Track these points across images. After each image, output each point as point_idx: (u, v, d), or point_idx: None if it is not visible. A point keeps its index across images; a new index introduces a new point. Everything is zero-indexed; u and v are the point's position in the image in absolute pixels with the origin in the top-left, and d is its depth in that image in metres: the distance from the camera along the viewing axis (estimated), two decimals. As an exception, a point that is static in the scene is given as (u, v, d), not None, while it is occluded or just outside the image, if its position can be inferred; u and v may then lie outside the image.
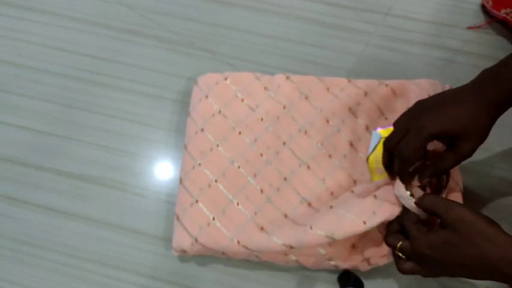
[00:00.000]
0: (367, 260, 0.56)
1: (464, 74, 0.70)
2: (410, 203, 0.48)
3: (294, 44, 0.72)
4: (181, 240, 0.56)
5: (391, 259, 0.55)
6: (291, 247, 0.53)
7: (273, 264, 0.57)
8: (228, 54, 0.72)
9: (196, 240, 0.55)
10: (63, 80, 0.71)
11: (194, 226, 0.56)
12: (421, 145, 0.47)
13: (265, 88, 0.64)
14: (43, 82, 0.71)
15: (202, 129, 0.62)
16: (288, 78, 0.65)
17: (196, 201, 0.58)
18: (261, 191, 0.58)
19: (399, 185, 0.50)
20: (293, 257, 0.55)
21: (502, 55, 0.70)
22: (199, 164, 0.60)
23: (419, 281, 0.58)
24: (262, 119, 0.62)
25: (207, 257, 0.59)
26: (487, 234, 0.40)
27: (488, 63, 0.70)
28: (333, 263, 0.55)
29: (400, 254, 0.47)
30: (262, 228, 0.55)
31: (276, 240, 0.53)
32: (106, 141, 0.66)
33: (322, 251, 0.54)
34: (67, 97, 0.70)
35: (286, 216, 0.57)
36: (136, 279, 0.59)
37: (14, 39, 0.74)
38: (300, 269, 0.58)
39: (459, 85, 0.69)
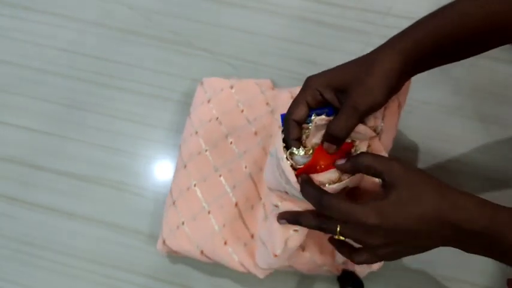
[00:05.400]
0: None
1: (464, 73, 0.70)
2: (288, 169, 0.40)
3: (294, 44, 0.72)
4: (160, 238, 0.57)
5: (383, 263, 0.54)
6: (249, 271, 0.53)
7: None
8: (228, 54, 0.72)
9: (164, 241, 0.56)
10: (63, 80, 0.71)
11: (166, 227, 0.57)
12: (302, 101, 0.42)
13: (267, 104, 0.62)
14: (43, 82, 0.71)
15: (196, 132, 0.61)
16: (292, 97, 0.63)
17: (174, 203, 0.58)
18: (236, 204, 0.57)
19: (280, 148, 0.42)
20: (286, 263, 0.54)
21: (502, 55, 0.70)
22: (185, 166, 0.60)
23: (419, 281, 0.58)
24: (256, 133, 0.60)
25: (206, 257, 0.59)
26: (435, 185, 0.37)
27: (488, 63, 0.71)
28: (327, 268, 0.54)
29: (342, 238, 0.40)
30: (225, 243, 0.54)
31: (236, 259, 0.54)
32: (105, 141, 0.66)
33: (316, 260, 0.54)
34: (67, 97, 0.70)
35: (252, 236, 0.55)
36: (135, 279, 0.59)
37: (14, 39, 0.74)
38: (299, 269, 0.58)
39: (459, 85, 0.70)
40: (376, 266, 0.51)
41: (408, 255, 0.41)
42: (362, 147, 0.43)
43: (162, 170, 0.65)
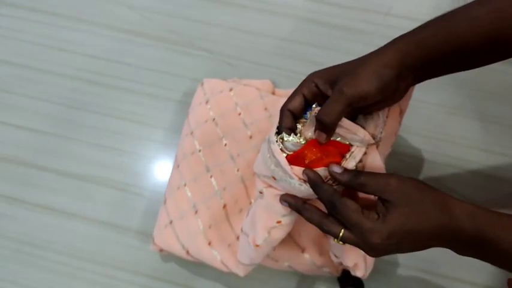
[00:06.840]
0: (356, 265, 0.53)
1: (464, 73, 0.70)
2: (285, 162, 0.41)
3: (294, 44, 0.72)
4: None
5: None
6: (230, 271, 0.53)
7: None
8: (228, 54, 0.72)
9: (153, 240, 0.56)
10: (63, 80, 0.71)
11: (157, 226, 0.57)
12: (299, 93, 0.43)
13: (266, 109, 0.62)
14: (43, 82, 0.71)
15: (192, 133, 0.61)
16: None
17: (164, 202, 0.58)
18: (224, 206, 0.56)
19: (274, 141, 0.43)
20: (286, 263, 0.54)
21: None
22: (178, 166, 0.59)
23: (420, 280, 0.58)
24: (251, 137, 0.60)
25: (207, 257, 0.59)
26: (432, 198, 0.38)
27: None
28: (326, 270, 0.54)
29: (341, 243, 0.40)
30: (210, 244, 0.54)
31: (218, 259, 0.53)
32: (106, 141, 0.66)
33: (316, 261, 0.53)
34: (67, 97, 0.70)
35: (238, 238, 0.55)
36: (135, 278, 0.59)
37: (14, 39, 0.74)
38: (300, 269, 0.58)
39: (459, 85, 0.70)
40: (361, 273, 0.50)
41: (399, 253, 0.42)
42: (358, 154, 0.43)
43: (162, 170, 0.65)
